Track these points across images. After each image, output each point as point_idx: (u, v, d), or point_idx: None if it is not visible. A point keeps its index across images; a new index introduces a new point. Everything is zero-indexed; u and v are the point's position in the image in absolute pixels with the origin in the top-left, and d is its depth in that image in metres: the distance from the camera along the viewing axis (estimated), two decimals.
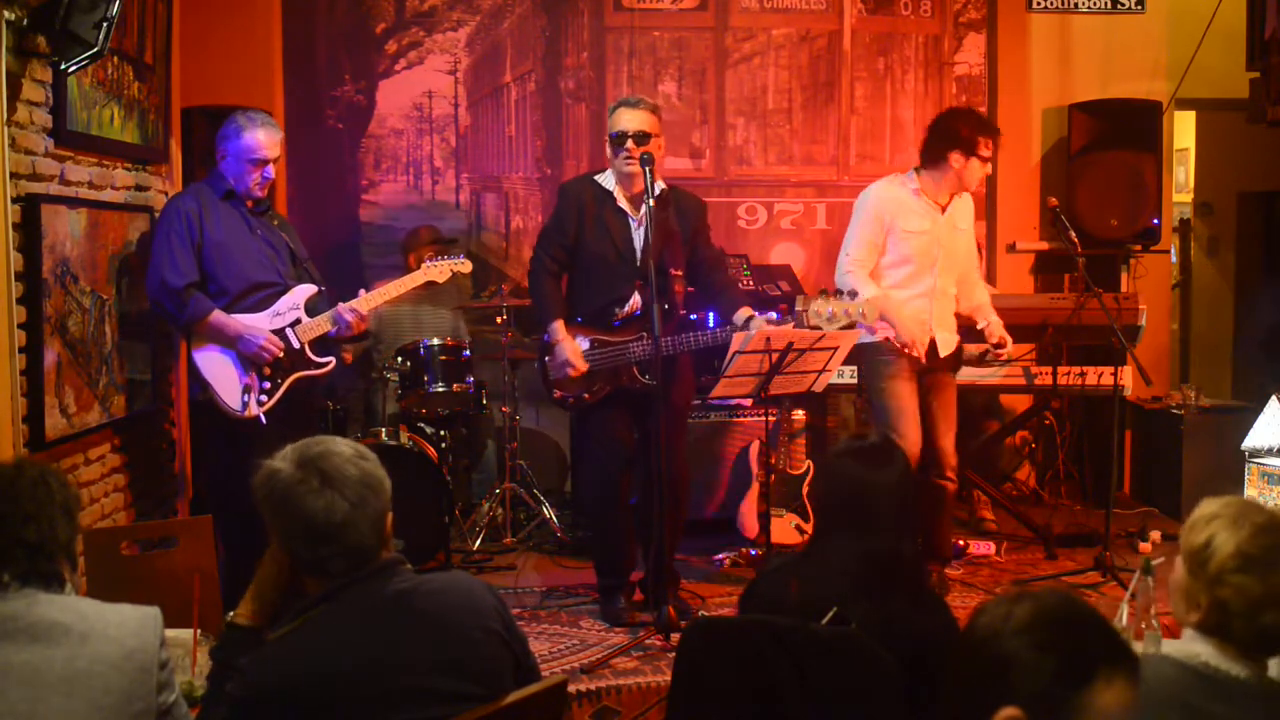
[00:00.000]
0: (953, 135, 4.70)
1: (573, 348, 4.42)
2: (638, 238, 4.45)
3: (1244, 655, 2.03)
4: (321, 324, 4.37)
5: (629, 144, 4.35)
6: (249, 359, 4.24)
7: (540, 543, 5.63)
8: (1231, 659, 2.03)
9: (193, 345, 4.26)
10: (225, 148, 4.30)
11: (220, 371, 4.24)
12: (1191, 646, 2.07)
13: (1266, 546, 2.03)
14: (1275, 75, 5.72)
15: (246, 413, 4.24)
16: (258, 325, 4.27)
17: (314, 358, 4.38)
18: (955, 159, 4.68)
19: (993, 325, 4.85)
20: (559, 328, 4.45)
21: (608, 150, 4.47)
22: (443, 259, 4.66)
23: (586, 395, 4.50)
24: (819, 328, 4.25)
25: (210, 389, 4.23)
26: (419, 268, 4.65)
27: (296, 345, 4.33)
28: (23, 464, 2.18)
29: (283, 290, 4.36)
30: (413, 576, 2.18)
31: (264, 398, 4.26)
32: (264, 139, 4.28)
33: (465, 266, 4.68)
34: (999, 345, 4.84)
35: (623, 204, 4.48)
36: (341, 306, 4.38)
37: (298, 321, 4.35)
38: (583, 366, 4.42)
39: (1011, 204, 6.76)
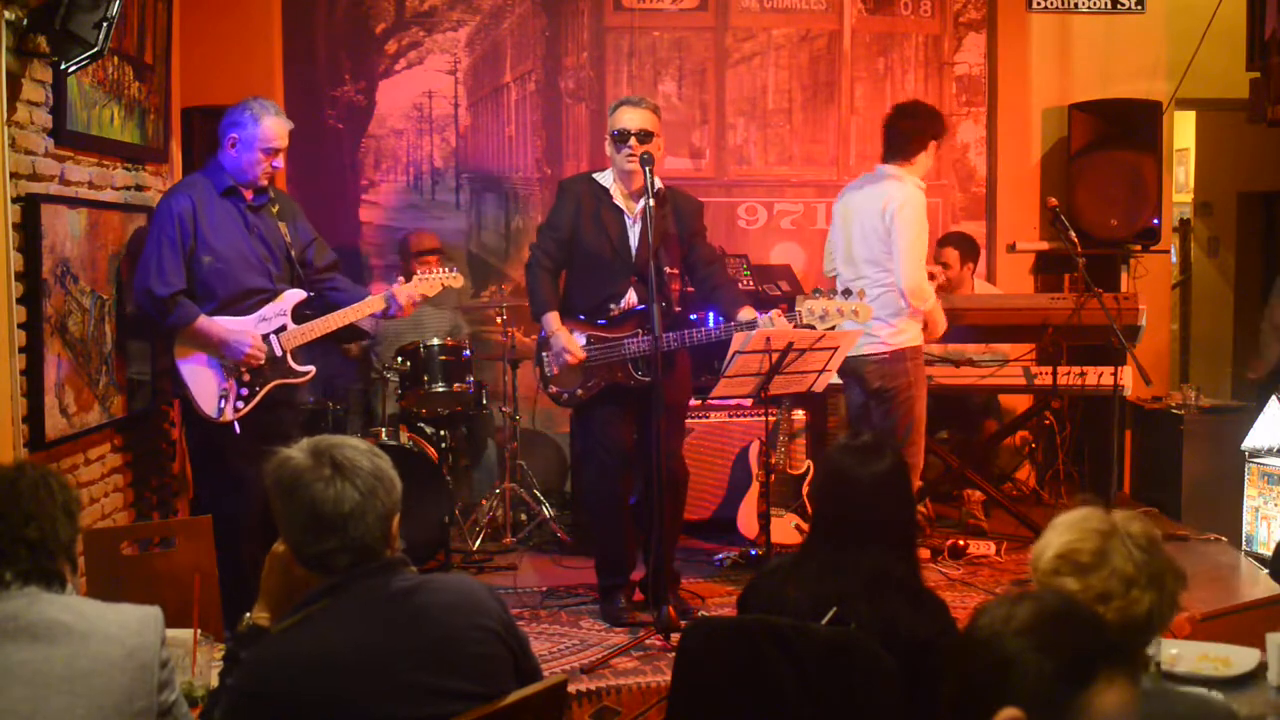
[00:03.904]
0: (936, 121, 4.86)
1: (568, 336, 4.44)
2: (633, 234, 4.47)
3: None
4: (316, 328, 4.34)
5: (632, 141, 4.36)
6: (234, 365, 4.22)
7: (540, 543, 5.63)
8: None
9: (175, 347, 4.22)
10: (236, 135, 4.22)
11: (199, 375, 4.21)
12: None
13: (1086, 550, 2.01)
14: (1275, 75, 5.71)
15: (221, 418, 4.21)
16: (243, 330, 4.23)
17: (295, 366, 4.34)
18: (934, 147, 4.86)
19: None
20: (553, 318, 4.46)
21: (608, 148, 4.48)
22: (436, 271, 4.63)
23: (581, 391, 4.50)
24: (811, 326, 4.27)
25: (187, 390, 4.20)
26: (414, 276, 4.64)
27: (279, 353, 4.29)
28: (23, 465, 2.20)
29: (272, 295, 4.32)
30: (415, 576, 2.18)
31: (240, 404, 4.24)
32: (279, 128, 4.24)
33: (456, 281, 4.60)
34: None
35: (619, 201, 4.49)
36: (395, 288, 4.42)
37: (283, 328, 4.31)
38: (580, 354, 4.42)
39: (1011, 204, 6.76)
